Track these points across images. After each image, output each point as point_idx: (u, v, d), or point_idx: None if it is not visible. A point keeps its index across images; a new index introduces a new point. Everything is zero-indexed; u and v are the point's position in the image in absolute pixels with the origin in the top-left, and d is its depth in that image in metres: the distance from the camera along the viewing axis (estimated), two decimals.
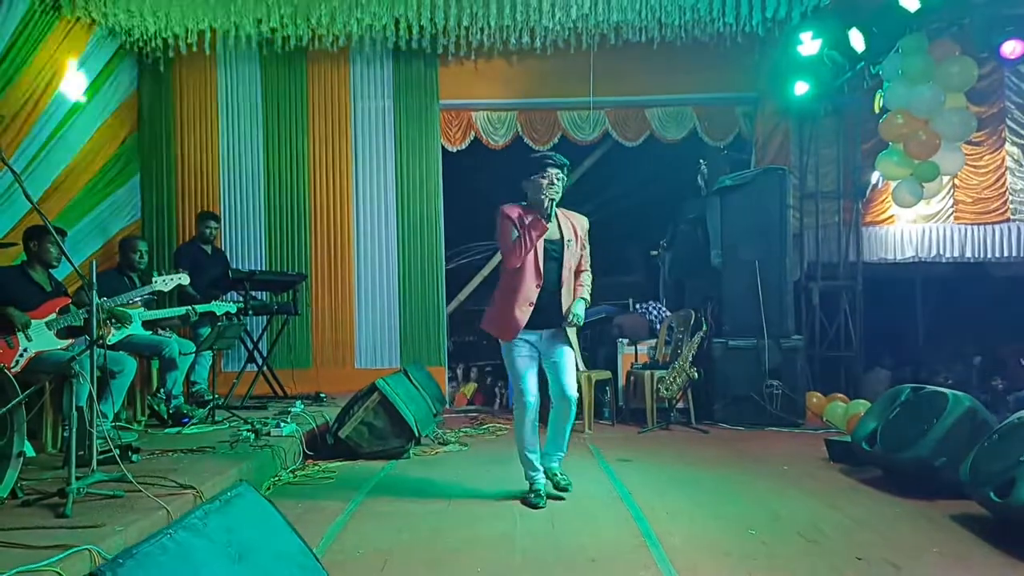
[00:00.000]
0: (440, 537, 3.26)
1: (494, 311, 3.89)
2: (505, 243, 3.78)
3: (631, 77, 7.70)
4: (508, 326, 3.80)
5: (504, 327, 3.82)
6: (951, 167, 6.53)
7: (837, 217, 7.80)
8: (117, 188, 7.32)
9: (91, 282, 3.30)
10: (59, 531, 2.64)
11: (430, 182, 7.83)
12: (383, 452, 4.97)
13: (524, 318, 3.75)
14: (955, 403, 3.79)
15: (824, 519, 3.48)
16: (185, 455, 4.16)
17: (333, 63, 7.79)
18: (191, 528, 1.52)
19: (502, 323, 3.82)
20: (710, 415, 6.45)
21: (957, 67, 6.04)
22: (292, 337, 7.49)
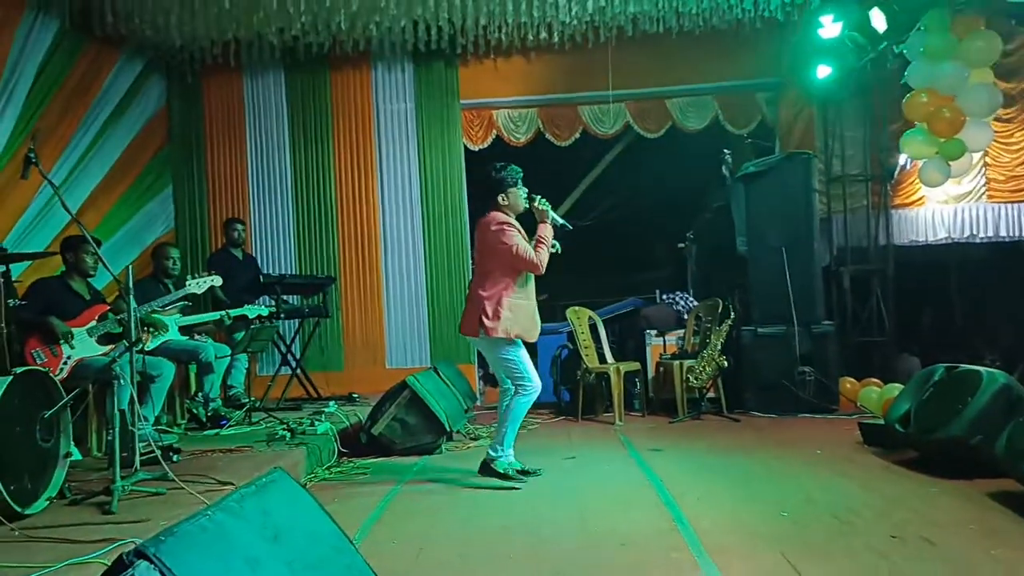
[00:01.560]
0: (472, 526, 3.31)
1: (517, 317, 4.00)
2: (530, 258, 3.96)
3: (650, 68, 7.69)
4: (535, 327, 4.10)
5: (533, 329, 4.09)
6: (978, 144, 6.41)
7: (865, 200, 7.71)
8: (151, 199, 7.52)
9: (128, 287, 3.41)
10: (105, 526, 2.74)
11: (454, 182, 7.91)
12: (415, 448, 5.04)
13: (539, 320, 4.16)
14: (990, 380, 3.74)
15: (858, 500, 3.46)
16: (223, 455, 4.27)
17: (355, 68, 7.91)
18: (228, 510, 1.58)
19: (531, 326, 4.08)
20: (741, 403, 6.41)
21: (982, 42, 5.93)
22: (324, 339, 7.62)
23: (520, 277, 4.03)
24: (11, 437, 2.92)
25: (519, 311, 4.02)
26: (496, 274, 4.02)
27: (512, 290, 4.01)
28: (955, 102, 6.10)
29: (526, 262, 3.97)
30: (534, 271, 4.02)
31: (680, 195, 8.98)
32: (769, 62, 7.61)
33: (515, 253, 3.95)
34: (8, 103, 5.62)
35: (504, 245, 3.96)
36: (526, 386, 4.06)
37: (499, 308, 3.97)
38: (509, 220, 4.03)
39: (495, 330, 3.95)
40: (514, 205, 4.09)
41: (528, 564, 2.76)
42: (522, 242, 3.98)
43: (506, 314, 3.97)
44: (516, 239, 3.97)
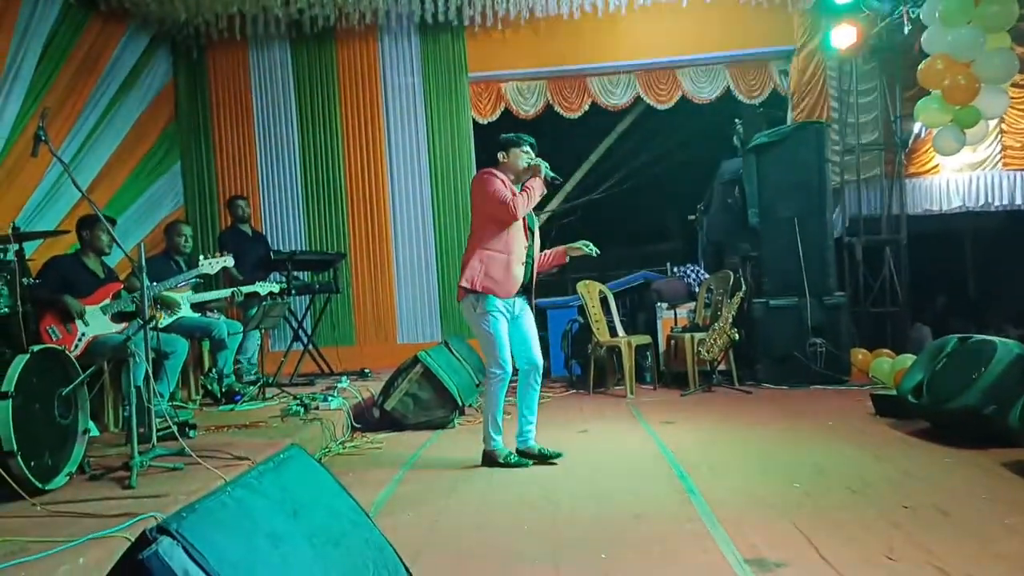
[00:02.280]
0: (486, 499, 3.34)
1: (488, 269, 3.74)
2: (503, 198, 3.70)
3: (661, 38, 7.60)
4: (509, 282, 3.78)
5: (505, 284, 3.77)
6: (994, 111, 6.31)
7: (879, 169, 7.64)
8: (160, 176, 7.53)
9: (141, 265, 3.42)
10: (126, 501, 2.78)
11: (462, 155, 7.87)
12: (428, 422, 5.07)
13: (521, 275, 3.83)
14: (1004, 351, 3.72)
15: (870, 471, 3.46)
16: (239, 430, 4.31)
17: (361, 41, 7.84)
18: (247, 486, 1.60)
19: (504, 280, 3.77)
20: (753, 376, 6.42)
21: (997, 6, 5.80)
22: (335, 315, 7.65)
23: (498, 228, 3.77)
24: (30, 414, 2.95)
25: (491, 262, 3.75)
26: (476, 227, 3.84)
27: (487, 241, 3.78)
28: (971, 68, 6.00)
29: (499, 204, 3.70)
30: (505, 216, 3.72)
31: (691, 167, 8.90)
32: (782, 30, 7.50)
33: (491, 195, 3.71)
34: (15, 80, 5.62)
35: (484, 192, 3.75)
36: (493, 369, 3.81)
37: (470, 259, 3.78)
38: (495, 172, 3.81)
39: (461, 280, 3.76)
40: (513, 164, 3.88)
41: (544, 536, 2.79)
42: (501, 187, 3.73)
43: (475, 264, 3.75)
44: (495, 185, 3.73)
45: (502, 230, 3.78)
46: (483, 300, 3.75)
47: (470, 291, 3.75)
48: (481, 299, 3.75)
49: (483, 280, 3.75)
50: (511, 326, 3.89)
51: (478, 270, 3.75)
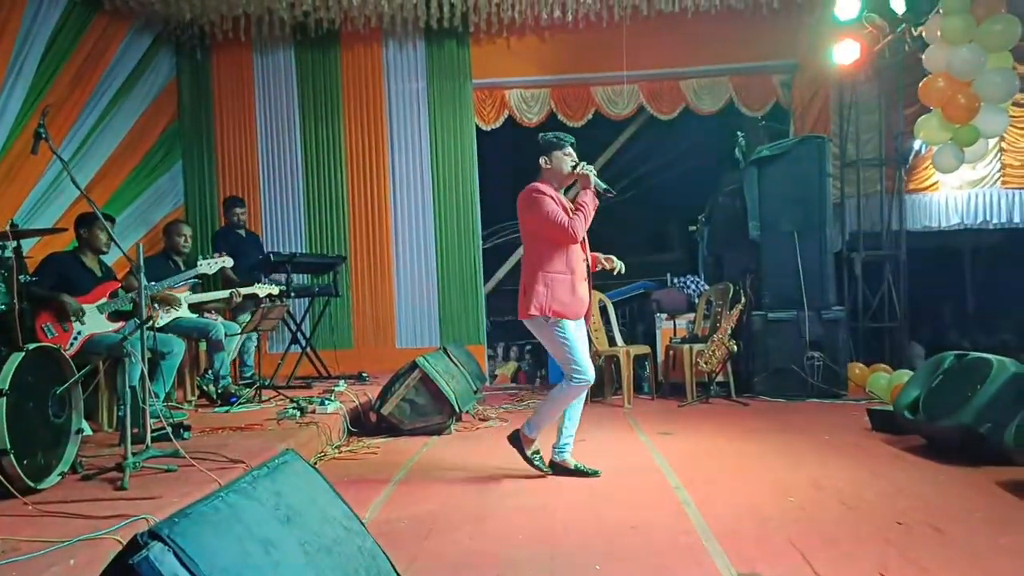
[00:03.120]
0: (482, 508, 3.33)
1: (555, 292, 3.63)
2: (560, 222, 3.58)
3: (665, 49, 7.61)
4: (578, 303, 3.70)
5: (575, 306, 3.68)
6: (993, 130, 6.32)
7: (879, 185, 7.64)
8: (160, 175, 7.53)
9: (139, 265, 3.42)
10: (118, 502, 2.77)
11: (465, 161, 7.88)
12: (425, 428, 5.06)
13: (587, 294, 3.75)
14: (1000, 368, 3.72)
15: (866, 486, 3.46)
16: (234, 433, 4.30)
17: (366, 45, 7.85)
18: (241, 491, 1.59)
19: (572, 302, 3.67)
20: (750, 388, 6.41)
21: (1000, 25, 5.83)
22: (334, 318, 7.64)
23: (559, 249, 3.66)
24: (24, 412, 2.95)
25: (556, 285, 3.65)
26: (533, 248, 3.72)
27: (548, 263, 3.66)
28: (971, 87, 6.02)
29: (556, 228, 3.58)
30: (565, 239, 3.61)
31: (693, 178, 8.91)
32: (785, 43, 7.51)
33: (547, 219, 3.59)
34: (18, 78, 5.62)
35: (538, 214, 3.62)
36: (576, 374, 3.69)
37: (535, 284, 3.66)
38: (543, 188, 3.66)
39: (529, 309, 3.65)
40: (557, 169, 3.71)
41: (539, 546, 2.78)
42: (554, 207, 3.61)
43: (540, 289, 3.64)
44: (548, 205, 3.61)
45: (561, 250, 3.67)
46: (559, 322, 3.66)
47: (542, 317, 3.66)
48: (557, 321, 3.66)
49: (552, 304, 3.64)
50: None
51: (544, 295, 3.64)
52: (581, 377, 3.69)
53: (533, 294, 3.64)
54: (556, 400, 3.79)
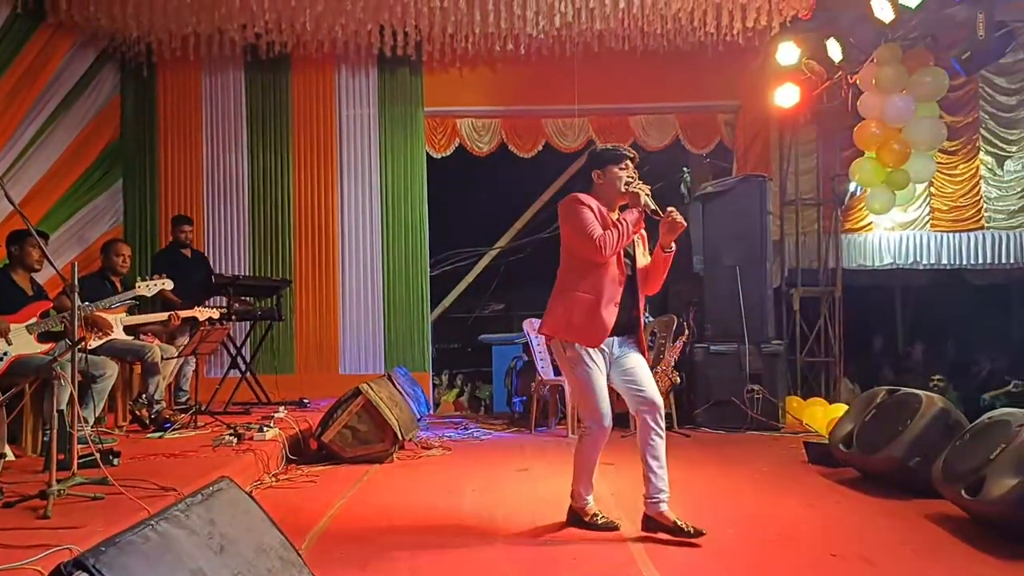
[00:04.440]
0: (422, 539, 3.28)
1: (572, 314, 3.23)
2: (591, 233, 3.17)
3: (614, 85, 7.78)
4: (595, 330, 3.22)
5: (590, 331, 3.23)
6: (921, 175, 6.66)
7: (817, 224, 7.92)
8: (99, 193, 7.32)
9: (73, 285, 3.30)
10: (40, 531, 2.63)
11: (415, 189, 7.87)
12: (366, 456, 4.97)
13: (611, 320, 3.24)
14: (928, 404, 3.87)
15: (801, 518, 3.53)
16: (167, 459, 4.15)
17: (318, 70, 7.82)
18: (173, 519, 1.54)
19: (588, 326, 3.22)
20: (692, 419, 6.50)
21: (930, 77, 6.16)
22: (276, 343, 7.48)
23: (588, 266, 3.25)
24: None
25: (575, 305, 3.23)
26: (565, 262, 3.35)
27: (573, 280, 3.27)
28: (902, 134, 6.32)
29: (585, 240, 3.17)
30: (592, 254, 3.19)
31: None
32: (729, 85, 7.76)
33: (577, 229, 3.20)
34: None
35: (570, 223, 3.25)
36: (587, 423, 3.27)
37: (556, 301, 3.31)
38: (585, 199, 3.26)
39: (544, 326, 3.33)
40: (609, 185, 3.31)
41: None
42: (590, 219, 3.19)
43: (556, 307, 3.28)
44: (585, 216, 3.20)
45: (590, 268, 3.25)
46: (570, 345, 3.28)
47: (561, 342, 3.29)
48: (568, 344, 3.28)
49: (566, 328, 3.25)
50: (613, 370, 3.32)
51: (560, 315, 3.27)
52: (588, 427, 3.25)
53: (549, 312, 3.32)
54: (578, 455, 3.38)
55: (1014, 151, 7.75)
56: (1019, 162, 7.76)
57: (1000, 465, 3.06)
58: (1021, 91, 7.73)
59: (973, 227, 7.79)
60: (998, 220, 7.78)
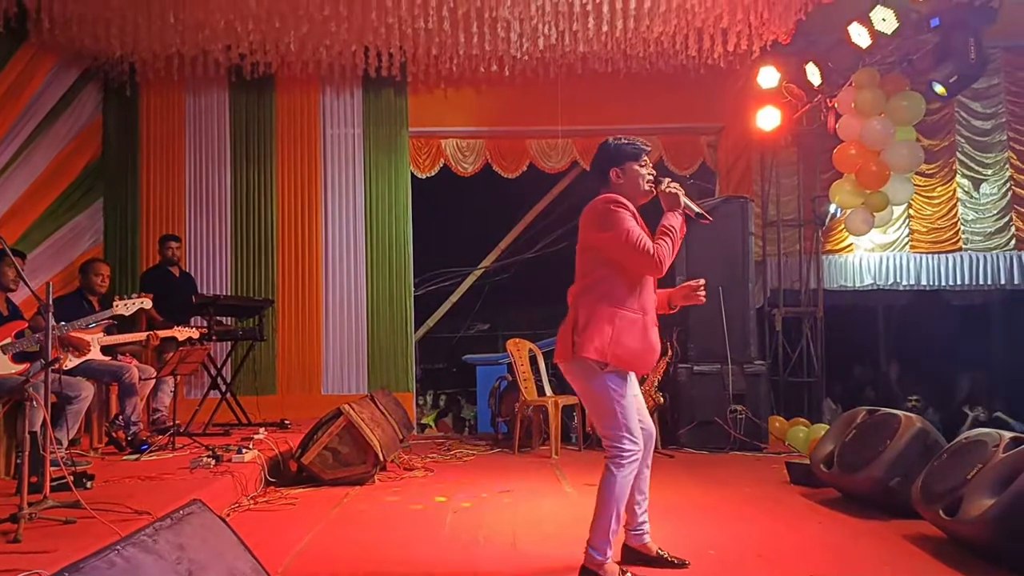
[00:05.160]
0: (403, 563, 3.24)
1: (623, 335, 2.81)
2: (645, 248, 2.80)
3: (598, 107, 7.84)
4: (648, 353, 2.90)
5: (643, 356, 2.89)
6: (899, 198, 6.75)
7: (798, 245, 7.98)
8: (79, 212, 7.26)
9: (48, 305, 3.27)
10: (9, 556, 2.59)
11: (399, 208, 7.87)
12: (347, 478, 4.92)
13: (658, 343, 2.95)
14: (907, 424, 3.89)
15: (783, 539, 3.53)
16: (141, 482, 4.09)
17: (303, 90, 7.84)
18: (140, 544, 1.51)
19: (641, 351, 2.86)
20: (675, 440, 6.50)
21: (907, 101, 6.26)
22: (257, 363, 7.42)
23: (633, 281, 2.87)
24: None
25: (627, 327, 2.82)
26: (599, 274, 2.88)
27: (619, 297, 2.85)
28: (881, 156, 6.41)
29: (640, 254, 2.80)
30: (649, 268, 2.84)
31: None
32: (712, 107, 7.85)
33: (625, 240, 2.80)
34: None
35: (612, 231, 2.83)
36: (624, 445, 2.81)
37: (597, 320, 2.81)
38: (623, 201, 2.89)
39: (585, 348, 2.78)
40: (631, 186, 2.96)
41: None
42: (636, 227, 2.84)
43: (605, 328, 2.80)
44: (629, 223, 2.84)
45: (635, 283, 2.88)
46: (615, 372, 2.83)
47: (596, 362, 2.81)
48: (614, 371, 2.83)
49: (616, 349, 2.79)
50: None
51: (609, 336, 2.79)
52: (628, 449, 2.81)
53: (594, 332, 2.79)
54: (607, 498, 2.83)
55: (990, 174, 7.88)
56: (995, 185, 7.89)
57: (977, 485, 3.07)
58: (995, 115, 7.88)
59: (951, 249, 7.88)
60: (975, 242, 7.88)
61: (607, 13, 6.53)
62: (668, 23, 6.71)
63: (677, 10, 6.49)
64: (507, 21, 6.68)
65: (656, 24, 6.73)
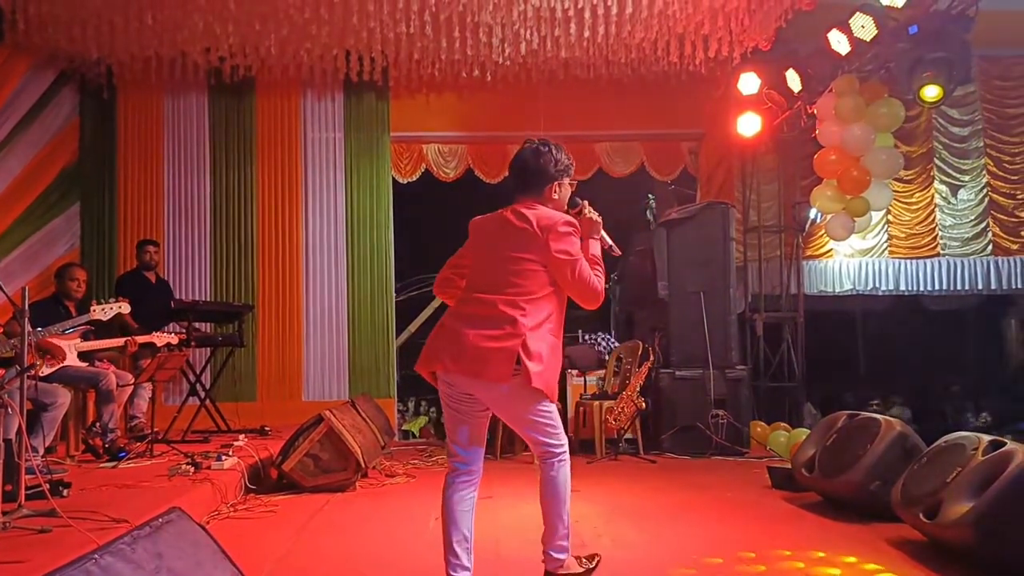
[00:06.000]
0: (384, 569, 3.21)
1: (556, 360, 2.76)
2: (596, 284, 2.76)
3: (580, 112, 7.87)
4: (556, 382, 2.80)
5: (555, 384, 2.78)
6: (879, 203, 6.83)
7: (779, 251, 8.04)
8: (55, 216, 7.17)
9: (24, 310, 3.21)
10: None
11: (381, 213, 7.84)
12: (328, 485, 4.87)
13: None
14: (887, 428, 3.91)
15: (765, 543, 3.53)
16: (119, 490, 4.02)
17: (283, 94, 7.79)
18: (117, 553, 1.48)
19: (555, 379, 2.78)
20: (658, 445, 6.50)
21: (886, 108, 6.35)
22: (237, 370, 7.33)
23: (560, 304, 2.80)
24: None
25: (558, 356, 2.78)
26: (543, 297, 2.72)
27: (556, 324, 2.78)
28: (861, 162, 6.48)
29: (589, 288, 2.73)
30: (594, 303, 2.79)
31: None
32: (693, 114, 7.90)
33: (576, 274, 2.70)
34: None
35: (566, 257, 2.69)
36: (564, 449, 2.80)
37: (537, 347, 2.64)
38: (577, 226, 2.79)
39: (540, 378, 2.62)
40: (561, 203, 2.88)
41: None
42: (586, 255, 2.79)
43: (549, 359, 2.68)
44: (580, 253, 2.75)
45: (563, 309, 2.82)
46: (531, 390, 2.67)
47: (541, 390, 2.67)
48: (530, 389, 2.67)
49: (553, 381, 2.74)
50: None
51: (553, 368, 2.72)
52: (564, 444, 2.81)
53: (541, 362, 2.64)
54: (563, 496, 2.81)
55: (967, 180, 8.00)
56: (972, 191, 8.01)
57: (956, 488, 3.10)
58: (972, 122, 8.01)
59: (929, 254, 7.99)
60: (953, 247, 7.99)
61: (589, 19, 6.55)
62: (650, 29, 6.75)
63: (659, 16, 6.53)
64: (489, 26, 6.69)
65: (638, 30, 6.76)
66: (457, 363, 2.68)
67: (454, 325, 2.74)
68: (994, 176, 7.99)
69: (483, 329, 2.65)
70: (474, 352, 2.63)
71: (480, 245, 2.88)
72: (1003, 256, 7.98)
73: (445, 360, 2.72)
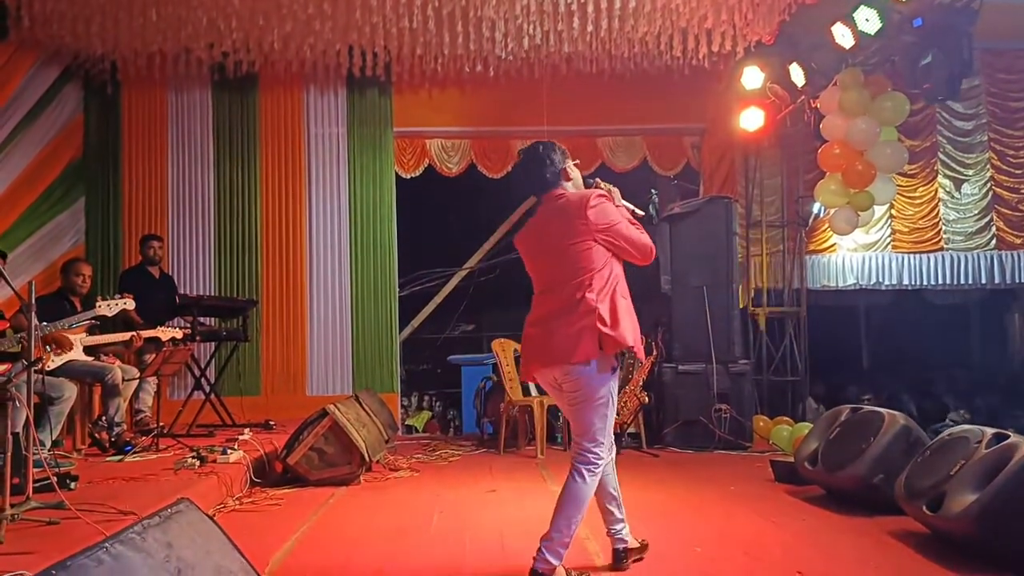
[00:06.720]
0: (389, 562, 3.23)
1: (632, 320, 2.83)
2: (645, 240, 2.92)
3: (583, 107, 7.86)
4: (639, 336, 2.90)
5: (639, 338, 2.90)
6: (884, 197, 6.82)
7: (782, 245, 8.04)
8: (61, 211, 7.19)
9: (30, 304, 3.23)
10: None
11: (384, 208, 7.85)
12: (332, 478, 4.90)
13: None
14: (890, 422, 3.92)
15: (768, 537, 3.55)
16: (126, 483, 4.05)
17: (286, 89, 7.80)
18: (128, 542, 1.50)
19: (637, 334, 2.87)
20: (660, 439, 6.52)
21: (890, 102, 6.33)
22: (241, 364, 7.35)
23: (621, 273, 2.90)
24: None
25: (632, 315, 2.86)
26: (603, 267, 2.82)
27: (622, 285, 2.87)
28: (865, 156, 6.47)
29: (638, 244, 2.88)
30: (647, 257, 2.92)
31: None
32: (695, 108, 7.89)
33: (624, 235, 2.85)
34: None
35: (608, 223, 2.83)
36: (598, 457, 2.84)
37: (616, 310, 2.76)
38: (604, 193, 2.97)
39: (621, 338, 2.72)
40: (577, 183, 3.05)
41: None
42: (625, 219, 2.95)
43: (625, 320, 2.78)
44: (619, 216, 2.92)
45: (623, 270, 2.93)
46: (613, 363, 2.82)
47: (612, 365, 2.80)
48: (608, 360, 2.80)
49: (636, 336, 2.83)
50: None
51: (629, 325, 2.79)
52: (603, 458, 2.86)
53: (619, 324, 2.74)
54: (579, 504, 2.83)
55: (971, 175, 7.99)
56: (976, 185, 8.00)
57: (959, 481, 3.11)
58: (976, 116, 7.99)
59: (933, 249, 7.98)
60: (956, 242, 7.98)
61: (592, 13, 6.55)
62: (653, 23, 6.74)
63: (662, 10, 6.52)
64: (492, 21, 6.68)
65: (641, 24, 6.75)
66: (545, 361, 2.86)
67: (530, 331, 2.94)
68: (998, 170, 7.97)
69: (560, 318, 2.80)
70: (560, 341, 2.78)
71: (533, 253, 3.03)
72: (1007, 250, 7.97)
73: (534, 365, 2.93)
